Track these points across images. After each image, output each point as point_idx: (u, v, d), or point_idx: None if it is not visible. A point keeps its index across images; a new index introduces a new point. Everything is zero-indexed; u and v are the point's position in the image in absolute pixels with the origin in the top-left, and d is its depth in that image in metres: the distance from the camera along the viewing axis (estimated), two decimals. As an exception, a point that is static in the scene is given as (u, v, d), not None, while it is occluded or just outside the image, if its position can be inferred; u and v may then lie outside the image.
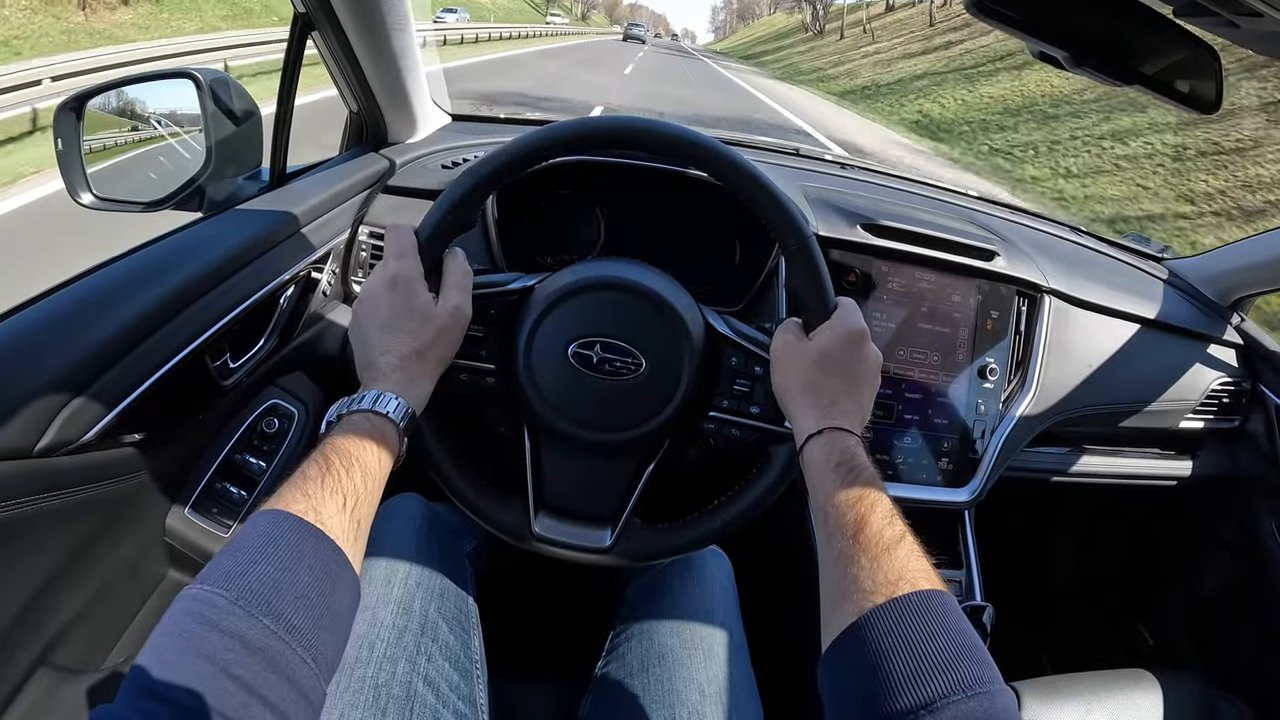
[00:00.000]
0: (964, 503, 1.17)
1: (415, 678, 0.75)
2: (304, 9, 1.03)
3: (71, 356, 0.72)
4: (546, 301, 0.79)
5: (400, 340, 0.70)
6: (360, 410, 0.65)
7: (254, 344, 0.99)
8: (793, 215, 0.75)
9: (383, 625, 0.78)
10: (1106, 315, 1.31)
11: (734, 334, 0.82)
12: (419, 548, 0.89)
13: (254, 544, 0.51)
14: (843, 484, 0.63)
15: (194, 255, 0.88)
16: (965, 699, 0.46)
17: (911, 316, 1.18)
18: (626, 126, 0.77)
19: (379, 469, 0.62)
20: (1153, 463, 1.43)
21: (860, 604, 0.53)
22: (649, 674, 0.83)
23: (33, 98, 7.68)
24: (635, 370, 0.78)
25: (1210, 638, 1.55)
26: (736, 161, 0.75)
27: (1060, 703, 1.12)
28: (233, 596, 0.47)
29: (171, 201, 1.02)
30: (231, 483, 0.99)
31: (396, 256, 0.73)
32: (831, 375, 0.72)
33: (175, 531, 0.95)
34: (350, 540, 0.56)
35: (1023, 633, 1.51)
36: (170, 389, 0.82)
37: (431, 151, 1.35)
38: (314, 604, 0.50)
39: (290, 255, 1.02)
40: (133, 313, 0.78)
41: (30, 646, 0.76)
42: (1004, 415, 1.20)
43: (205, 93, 1.00)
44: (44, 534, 0.74)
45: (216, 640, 0.45)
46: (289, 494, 0.56)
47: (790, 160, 1.63)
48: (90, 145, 1.04)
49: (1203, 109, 0.78)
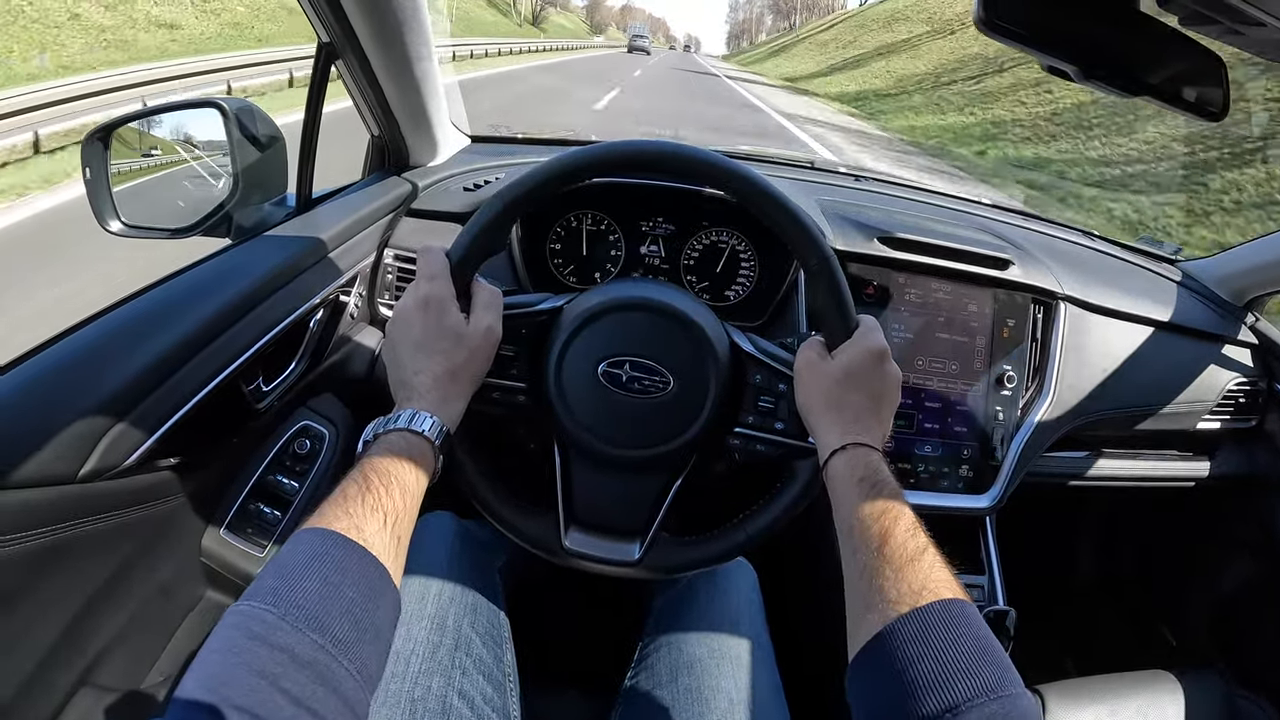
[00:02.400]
0: (985, 509, 1.18)
1: (450, 691, 0.76)
2: (328, 39, 1.05)
3: (112, 384, 0.73)
4: (576, 322, 0.80)
5: (434, 360, 0.71)
6: (397, 429, 0.66)
7: (285, 367, 1.01)
8: (813, 234, 0.76)
9: (417, 641, 0.80)
10: (1121, 319, 1.32)
11: (758, 352, 0.83)
12: (451, 564, 0.90)
13: (299, 561, 0.52)
14: (867, 499, 0.64)
15: (226, 282, 0.90)
16: (988, 702, 0.47)
17: (929, 327, 1.19)
18: (646, 151, 0.78)
19: (416, 486, 0.64)
20: (1171, 464, 1.43)
21: (885, 614, 0.55)
22: (678, 683, 0.84)
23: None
24: (663, 389, 0.80)
25: (1232, 638, 1.55)
26: (755, 181, 0.77)
27: (1084, 705, 1.13)
28: (280, 612, 0.48)
29: (200, 228, 1.04)
30: (265, 503, 1.01)
31: (428, 278, 0.74)
32: (854, 393, 0.73)
33: (211, 552, 0.97)
34: (391, 556, 0.58)
35: (1046, 636, 1.51)
36: (206, 413, 0.84)
37: (453, 174, 1.37)
38: (359, 618, 0.52)
39: (318, 279, 1.04)
40: (169, 340, 0.80)
41: (72, 667, 0.77)
42: (1022, 421, 1.20)
43: (231, 120, 1.02)
44: (85, 557, 0.76)
45: (266, 654, 0.46)
46: (330, 512, 0.57)
47: (805, 174, 1.64)
48: (118, 173, 1.06)
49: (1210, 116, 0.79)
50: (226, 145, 1.04)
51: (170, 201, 1.14)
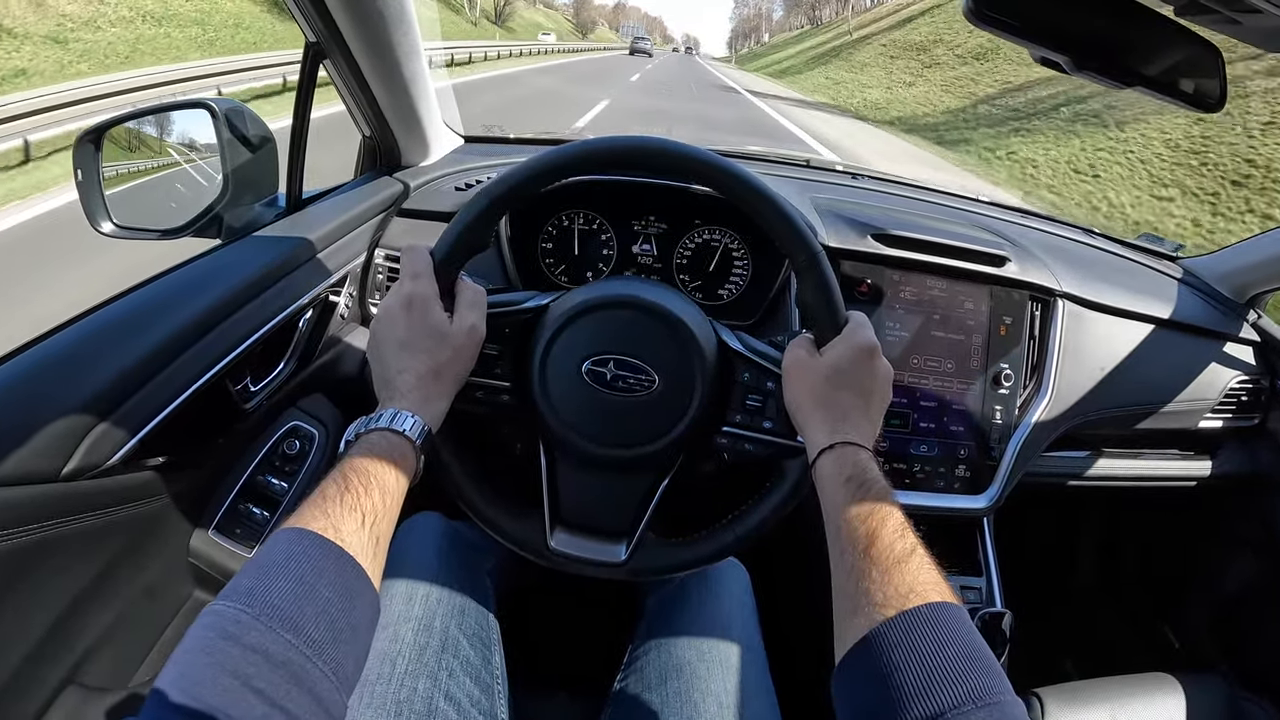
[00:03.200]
0: (982, 509, 1.17)
1: (436, 694, 0.76)
2: (315, 38, 1.05)
3: (96, 382, 0.73)
4: (560, 320, 0.79)
5: (417, 359, 0.71)
6: (378, 429, 0.66)
7: (274, 367, 1.01)
8: (801, 231, 0.76)
9: (404, 642, 0.79)
10: (1121, 317, 1.30)
11: (746, 349, 0.82)
12: (439, 565, 0.90)
13: (274, 561, 0.52)
14: (854, 498, 0.63)
15: (214, 282, 0.90)
16: (974, 709, 0.46)
17: (925, 325, 1.18)
18: (631, 147, 0.77)
19: (396, 486, 0.63)
20: (1172, 463, 1.42)
21: (871, 617, 0.54)
22: (667, 687, 0.84)
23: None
24: (648, 387, 0.79)
25: (1235, 639, 1.53)
26: (743, 177, 0.76)
27: (1084, 708, 1.12)
28: (254, 612, 0.48)
29: (190, 229, 1.04)
30: (254, 504, 1.01)
31: (412, 277, 0.74)
32: (843, 390, 0.72)
33: (199, 552, 0.96)
34: (369, 556, 0.57)
35: (1045, 638, 1.50)
36: (193, 413, 0.84)
37: (445, 174, 1.37)
38: (334, 619, 0.51)
39: (308, 279, 1.04)
40: (155, 339, 0.79)
41: (58, 665, 0.77)
42: (1020, 421, 1.19)
43: (221, 121, 1.02)
44: (71, 556, 0.76)
45: (239, 654, 0.46)
46: (308, 512, 0.57)
47: (800, 172, 1.64)
48: (109, 175, 1.06)
49: (1207, 108, 0.78)
50: (217, 146, 1.04)
51: (161, 203, 1.13)
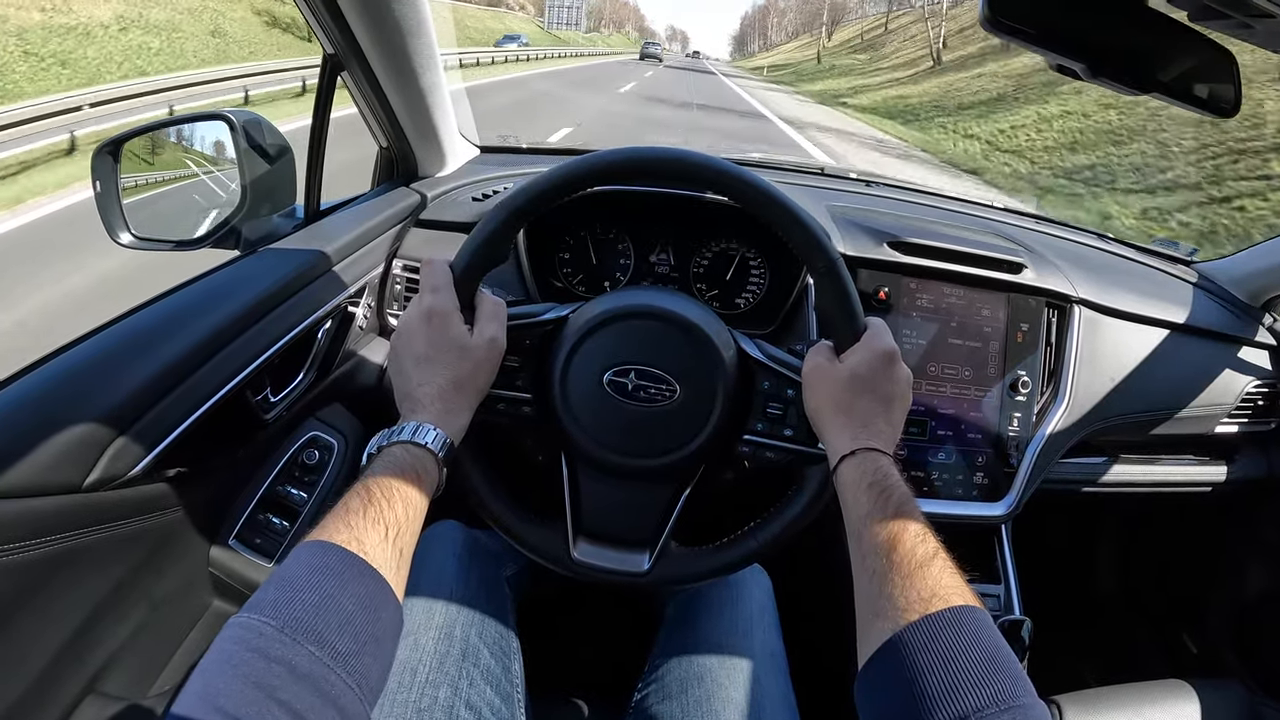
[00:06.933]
0: (1000, 517, 1.16)
1: (457, 702, 0.76)
2: (333, 50, 1.06)
3: (118, 394, 0.74)
4: (580, 331, 0.79)
5: (438, 372, 0.71)
6: (400, 442, 0.66)
7: (294, 378, 1.01)
8: (819, 238, 0.76)
9: (425, 651, 0.80)
10: (1137, 322, 1.30)
11: (765, 358, 0.82)
12: (459, 574, 0.90)
13: (299, 574, 0.52)
14: (876, 504, 0.63)
15: (234, 293, 0.91)
16: (998, 713, 0.46)
17: (942, 332, 1.18)
18: (649, 157, 0.78)
19: (419, 499, 0.64)
20: (1189, 469, 1.41)
21: (895, 621, 0.54)
22: (688, 695, 0.84)
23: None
24: (670, 397, 0.79)
25: (1254, 645, 1.52)
26: (760, 186, 0.76)
27: (1102, 715, 1.10)
28: (279, 625, 0.48)
29: (208, 240, 1.04)
30: (274, 514, 1.01)
31: (432, 290, 0.74)
32: (863, 396, 0.72)
33: (219, 562, 0.97)
34: (393, 569, 0.58)
35: (1064, 645, 1.49)
36: (213, 424, 0.84)
37: (462, 185, 1.38)
38: (358, 631, 0.52)
39: (326, 290, 1.04)
40: (176, 350, 0.80)
41: (79, 674, 0.77)
42: (1038, 427, 1.18)
43: (239, 133, 1.03)
44: (92, 566, 0.76)
45: (264, 667, 0.46)
46: (332, 525, 0.57)
47: (815, 180, 1.64)
48: (127, 186, 1.06)
49: (1222, 113, 0.78)
50: (234, 158, 1.04)
51: (179, 214, 1.15)
